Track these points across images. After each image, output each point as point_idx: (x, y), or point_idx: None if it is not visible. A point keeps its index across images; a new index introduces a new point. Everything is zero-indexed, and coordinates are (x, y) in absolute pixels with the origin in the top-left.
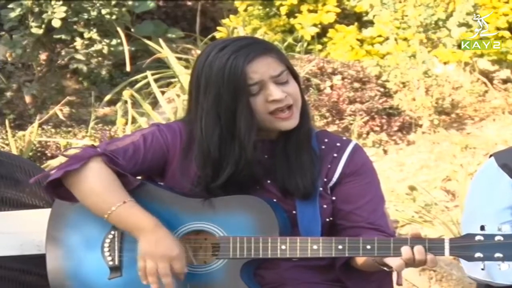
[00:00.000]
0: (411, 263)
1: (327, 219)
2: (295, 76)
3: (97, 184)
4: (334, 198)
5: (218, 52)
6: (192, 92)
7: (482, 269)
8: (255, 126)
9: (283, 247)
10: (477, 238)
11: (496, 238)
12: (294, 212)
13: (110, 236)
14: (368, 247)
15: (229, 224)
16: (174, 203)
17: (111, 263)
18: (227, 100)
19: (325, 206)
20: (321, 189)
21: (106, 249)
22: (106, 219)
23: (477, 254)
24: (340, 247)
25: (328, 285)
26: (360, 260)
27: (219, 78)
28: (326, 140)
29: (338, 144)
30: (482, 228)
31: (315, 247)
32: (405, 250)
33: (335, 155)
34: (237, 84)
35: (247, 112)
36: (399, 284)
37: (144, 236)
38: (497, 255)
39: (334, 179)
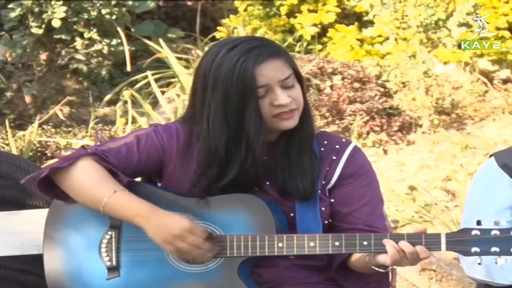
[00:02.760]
0: (403, 257)
1: (326, 222)
2: (300, 79)
3: (87, 178)
4: (332, 200)
5: (227, 52)
6: (197, 91)
7: (479, 264)
8: (264, 127)
9: (280, 244)
10: (474, 232)
11: (493, 232)
12: (292, 214)
13: (107, 237)
14: (365, 243)
15: (225, 223)
16: (170, 203)
17: (108, 263)
18: (235, 101)
19: (323, 208)
20: (319, 191)
21: (103, 250)
22: (102, 211)
23: (474, 249)
24: (337, 243)
25: (327, 284)
26: (355, 262)
27: (228, 79)
28: (325, 142)
29: (337, 146)
30: (479, 222)
31: (312, 244)
32: (388, 242)
33: (334, 157)
34: (246, 86)
35: (256, 114)
36: (392, 285)
37: (147, 222)
38: (493, 249)
39: (333, 181)
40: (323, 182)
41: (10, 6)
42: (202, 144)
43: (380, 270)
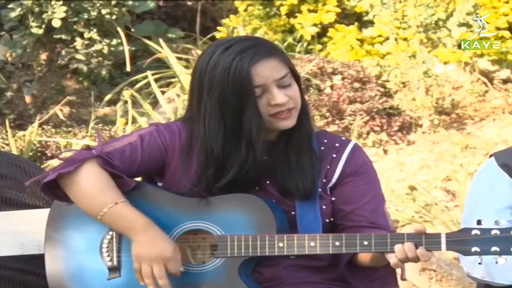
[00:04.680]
0: (406, 260)
1: (327, 220)
2: (296, 77)
3: (90, 186)
4: (333, 198)
5: (222, 52)
6: (193, 91)
7: (479, 263)
8: (263, 127)
9: (281, 244)
10: (474, 232)
11: (493, 232)
12: (293, 213)
13: (108, 237)
14: (365, 243)
15: (226, 223)
16: (171, 203)
17: (109, 263)
18: (231, 102)
19: (324, 207)
20: (320, 190)
21: (104, 250)
22: (99, 220)
23: (474, 249)
24: (337, 243)
25: (327, 284)
26: (367, 256)
27: (224, 79)
28: (325, 140)
29: (337, 145)
30: (479, 222)
31: (312, 244)
32: (399, 249)
33: (334, 155)
34: (242, 86)
35: (256, 114)
36: (403, 279)
37: (136, 237)
38: (493, 249)
39: (334, 179)
40: (324, 180)
41: (10, 6)
42: (199, 145)
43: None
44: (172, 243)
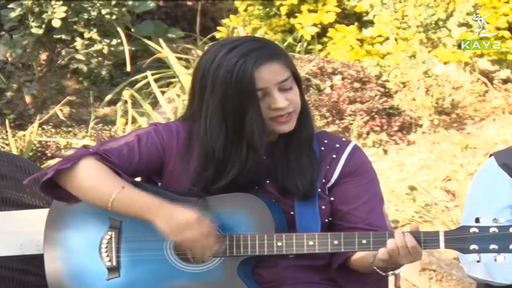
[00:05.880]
0: (404, 247)
1: (326, 220)
2: (298, 80)
3: (91, 178)
4: (332, 198)
5: (226, 53)
6: (195, 91)
7: (478, 261)
8: (266, 129)
9: (279, 243)
10: (472, 230)
11: (491, 230)
12: (292, 213)
13: (107, 237)
14: (364, 241)
15: (225, 222)
16: (170, 202)
17: (108, 263)
18: (234, 103)
19: (323, 207)
20: (319, 190)
21: (103, 250)
22: (110, 209)
23: (472, 246)
24: (335, 242)
25: (327, 285)
26: (357, 261)
27: (227, 80)
28: (325, 141)
29: (337, 145)
30: (477, 220)
31: (311, 243)
32: (398, 234)
33: (333, 156)
34: (245, 88)
35: (258, 116)
36: (397, 286)
37: (157, 215)
38: (492, 247)
39: (333, 180)
40: (323, 180)
41: (10, 6)
42: (199, 145)
43: (381, 272)
44: (188, 208)
